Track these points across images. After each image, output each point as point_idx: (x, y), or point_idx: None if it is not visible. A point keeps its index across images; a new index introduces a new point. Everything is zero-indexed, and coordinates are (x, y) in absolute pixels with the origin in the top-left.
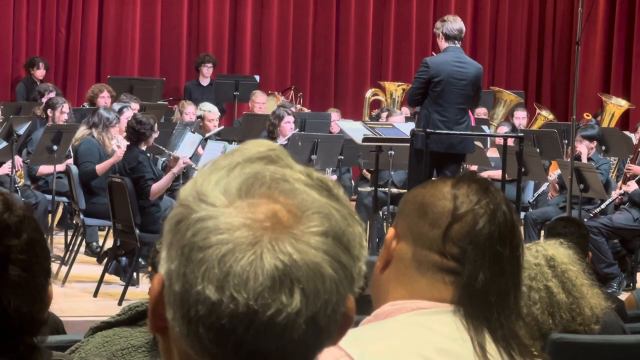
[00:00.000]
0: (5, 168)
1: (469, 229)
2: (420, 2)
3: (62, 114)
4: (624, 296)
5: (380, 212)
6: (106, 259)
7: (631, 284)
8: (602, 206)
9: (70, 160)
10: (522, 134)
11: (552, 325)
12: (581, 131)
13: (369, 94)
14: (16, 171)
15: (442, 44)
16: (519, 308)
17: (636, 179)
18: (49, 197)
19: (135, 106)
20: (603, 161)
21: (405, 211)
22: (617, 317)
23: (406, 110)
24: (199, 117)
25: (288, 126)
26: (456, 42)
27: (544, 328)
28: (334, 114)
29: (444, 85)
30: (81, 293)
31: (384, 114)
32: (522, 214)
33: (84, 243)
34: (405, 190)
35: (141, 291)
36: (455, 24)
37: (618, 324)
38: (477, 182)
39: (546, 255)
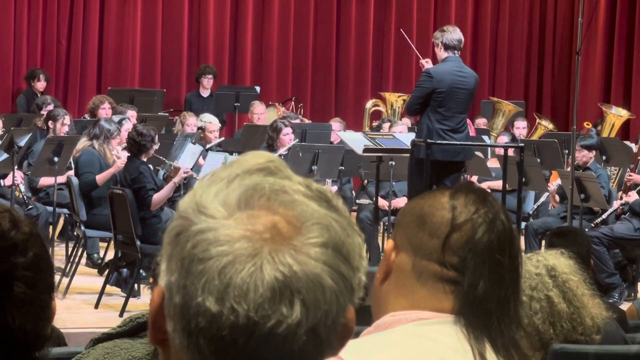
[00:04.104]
0: (9, 179)
1: (468, 238)
2: (420, 13)
3: (63, 125)
4: (625, 306)
5: (381, 223)
6: (107, 270)
7: (632, 294)
8: (604, 216)
9: (71, 172)
10: (522, 144)
11: (553, 335)
12: (580, 141)
13: (369, 104)
14: (21, 183)
15: (441, 53)
16: (519, 317)
17: (637, 189)
18: (50, 208)
19: (132, 113)
20: (601, 171)
21: (404, 222)
22: (618, 327)
23: (407, 121)
24: (199, 128)
25: (287, 138)
26: (455, 52)
27: (544, 338)
28: (337, 124)
29: (446, 95)
30: (82, 305)
31: (386, 125)
32: (523, 224)
33: (85, 254)
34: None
35: (142, 302)
36: (454, 34)
37: (619, 334)
38: (474, 192)
39: (547, 265)
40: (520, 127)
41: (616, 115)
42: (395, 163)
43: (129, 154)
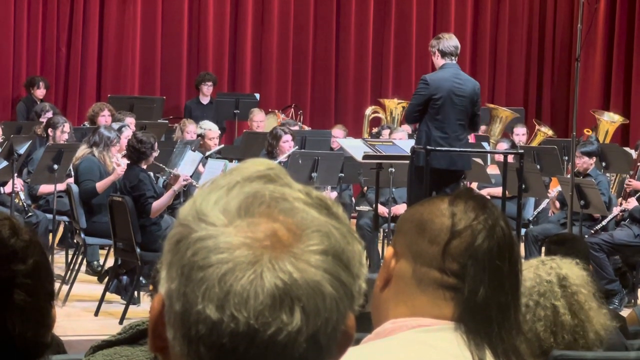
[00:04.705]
0: (9, 187)
1: (467, 244)
2: (420, 20)
3: (63, 133)
4: (625, 312)
5: (381, 230)
6: (107, 277)
7: (632, 300)
8: (603, 222)
9: (71, 179)
10: (522, 151)
11: (553, 344)
12: (580, 147)
13: (368, 111)
14: (21, 190)
15: (438, 61)
16: (519, 323)
17: (637, 195)
18: (50, 216)
19: (130, 120)
20: (601, 177)
21: (403, 229)
22: (621, 335)
23: (408, 128)
24: (199, 135)
25: (286, 145)
26: (452, 58)
27: (544, 345)
28: (340, 131)
29: (444, 102)
30: (82, 312)
31: (386, 131)
32: (523, 231)
33: (84, 262)
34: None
35: (142, 310)
36: (450, 41)
37: (621, 343)
38: (474, 199)
39: (559, 274)
40: (520, 134)
41: (609, 121)
42: (395, 170)
43: (129, 162)
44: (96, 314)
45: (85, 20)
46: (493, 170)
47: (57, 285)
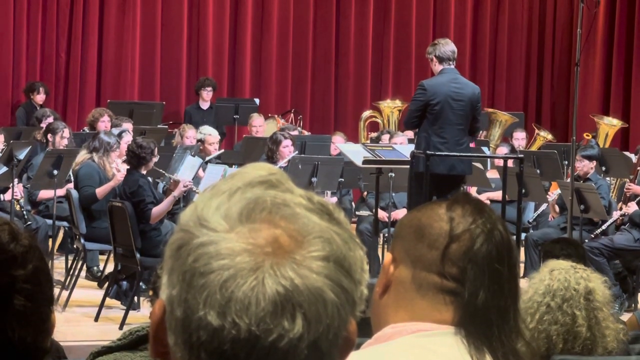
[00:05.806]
0: (9, 194)
1: (466, 248)
2: (419, 25)
3: (63, 138)
4: (625, 317)
5: (381, 234)
6: (107, 283)
7: (633, 305)
8: (603, 227)
9: (71, 185)
10: (522, 155)
11: (560, 350)
12: (581, 151)
13: (365, 114)
14: (21, 197)
15: (436, 67)
16: (519, 326)
17: (637, 199)
18: (50, 221)
19: (128, 125)
20: (601, 182)
21: (402, 235)
22: (626, 344)
23: (410, 133)
24: (199, 140)
25: (286, 150)
26: (450, 63)
27: (551, 349)
28: (340, 139)
29: (442, 107)
30: (82, 317)
31: (385, 136)
32: (523, 235)
33: (84, 267)
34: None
35: (142, 315)
36: (447, 46)
37: (623, 348)
38: (471, 203)
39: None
40: (520, 138)
41: (609, 125)
42: (395, 175)
43: (129, 167)
44: (96, 319)
45: (85, 26)
46: (493, 174)
47: (56, 290)
